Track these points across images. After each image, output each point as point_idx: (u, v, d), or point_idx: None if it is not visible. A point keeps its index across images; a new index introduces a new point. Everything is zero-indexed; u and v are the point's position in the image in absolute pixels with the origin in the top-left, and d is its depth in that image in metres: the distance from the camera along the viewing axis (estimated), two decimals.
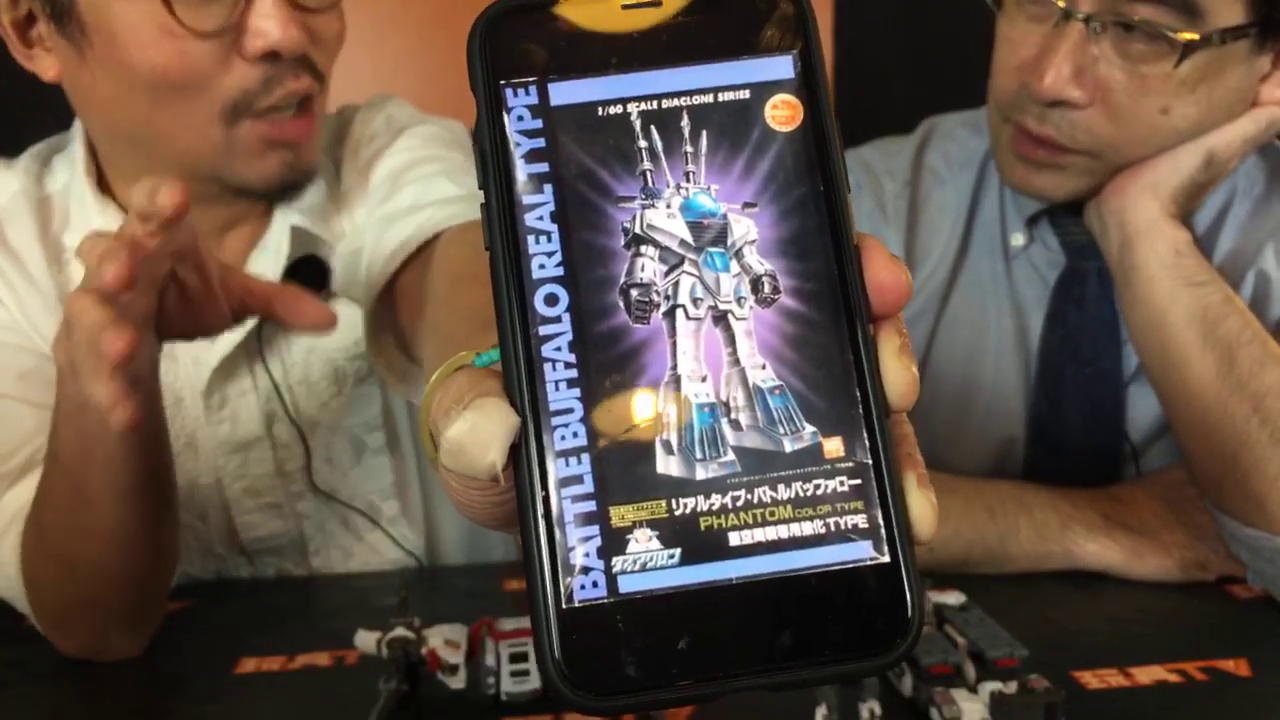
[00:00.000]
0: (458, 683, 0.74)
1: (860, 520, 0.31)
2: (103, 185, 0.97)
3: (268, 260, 0.95)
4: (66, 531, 0.81)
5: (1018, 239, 1.08)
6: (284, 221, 0.95)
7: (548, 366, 0.31)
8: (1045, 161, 0.97)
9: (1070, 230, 1.06)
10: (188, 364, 0.98)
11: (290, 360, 1.00)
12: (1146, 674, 0.79)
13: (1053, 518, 0.97)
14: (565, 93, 0.33)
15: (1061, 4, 0.91)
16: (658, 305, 0.32)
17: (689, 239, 0.32)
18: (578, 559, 0.30)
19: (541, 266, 0.32)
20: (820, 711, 0.67)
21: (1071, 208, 1.03)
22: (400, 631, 0.74)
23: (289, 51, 0.84)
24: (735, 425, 0.31)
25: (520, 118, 0.32)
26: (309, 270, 0.92)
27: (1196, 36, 0.88)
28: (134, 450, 0.78)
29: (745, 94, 0.33)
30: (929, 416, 1.11)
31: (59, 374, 0.76)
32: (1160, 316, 0.94)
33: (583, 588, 0.30)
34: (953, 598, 0.78)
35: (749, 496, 0.31)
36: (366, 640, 0.76)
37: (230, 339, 0.95)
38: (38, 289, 0.95)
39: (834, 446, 0.31)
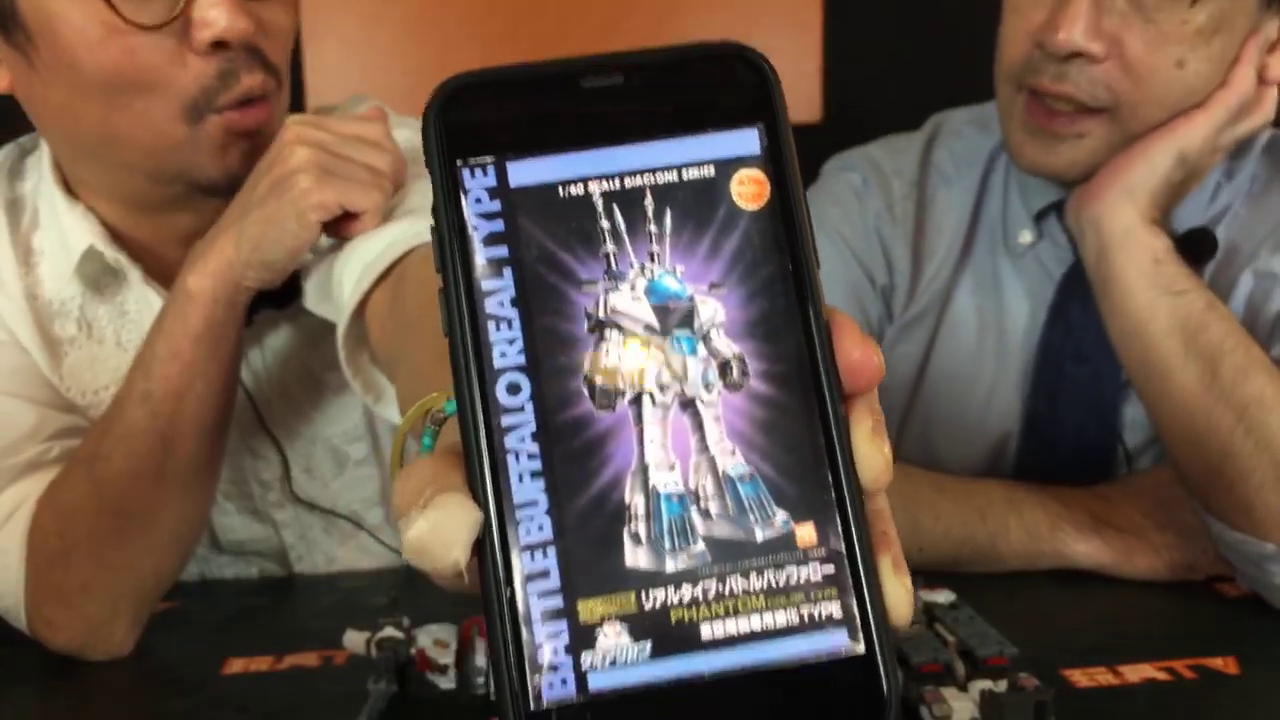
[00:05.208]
0: (447, 683, 0.74)
1: (834, 609, 0.30)
2: (69, 186, 0.95)
3: None
4: (135, 479, 0.83)
5: (1025, 236, 1.07)
6: None
7: (511, 458, 0.30)
8: (1062, 132, 0.96)
9: None
10: None
11: (266, 372, 0.99)
12: (1136, 672, 0.79)
13: (1042, 518, 0.96)
14: (525, 172, 0.32)
15: None
16: (623, 392, 0.31)
17: (654, 323, 0.32)
18: (545, 656, 0.29)
19: (503, 354, 0.31)
20: None
21: None
22: (389, 631, 0.74)
23: (237, 39, 0.82)
24: (705, 514, 0.31)
25: (478, 200, 0.31)
26: (279, 287, 0.87)
27: None
28: (227, 382, 0.84)
29: (710, 170, 0.32)
30: (928, 413, 1.11)
31: (188, 303, 0.81)
32: (1140, 326, 0.93)
33: (550, 686, 0.29)
34: (942, 596, 0.78)
35: (720, 588, 0.30)
36: (355, 640, 0.75)
37: None
38: (6, 291, 0.94)
39: (806, 533, 0.31)
